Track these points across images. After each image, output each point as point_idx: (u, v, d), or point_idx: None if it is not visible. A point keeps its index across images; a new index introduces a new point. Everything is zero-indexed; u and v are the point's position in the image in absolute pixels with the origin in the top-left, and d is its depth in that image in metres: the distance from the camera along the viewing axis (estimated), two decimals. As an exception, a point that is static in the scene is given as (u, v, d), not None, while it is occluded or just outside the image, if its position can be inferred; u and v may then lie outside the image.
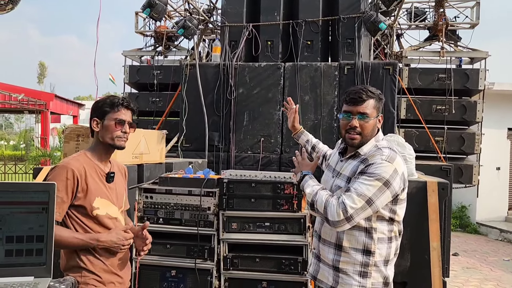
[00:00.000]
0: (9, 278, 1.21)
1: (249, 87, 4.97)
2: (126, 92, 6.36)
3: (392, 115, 4.73)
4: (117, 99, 2.11)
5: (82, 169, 1.98)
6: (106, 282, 2.00)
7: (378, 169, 1.93)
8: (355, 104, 2.04)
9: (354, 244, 2.04)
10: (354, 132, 2.05)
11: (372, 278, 2.04)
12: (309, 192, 2.05)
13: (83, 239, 1.92)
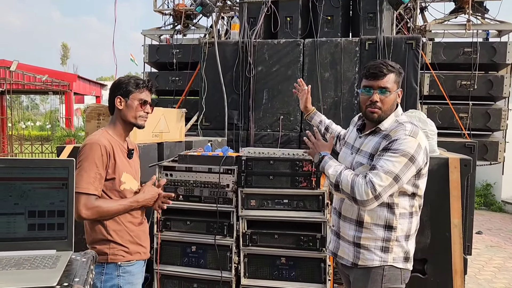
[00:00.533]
0: (33, 251, 1.25)
1: (268, 64, 4.92)
2: (146, 72, 6.39)
3: (415, 91, 4.63)
4: (142, 81, 2.18)
5: (110, 145, 2.06)
6: (133, 252, 2.11)
7: (402, 145, 1.91)
8: (375, 78, 2.01)
9: (375, 220, 2.04)
10: (375, 106, 2.02)
11: (393, 253, 2.04)
12: (332, 173, 2.01)
13: (126, 204, 2.07)
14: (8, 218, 1.26)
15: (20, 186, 1.27)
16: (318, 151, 2.14)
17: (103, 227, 2.05)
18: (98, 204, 1.98)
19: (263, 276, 2.83)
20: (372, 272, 2.05)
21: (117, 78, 2.24)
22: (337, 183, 1.97)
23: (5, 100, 14.87)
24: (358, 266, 2.08)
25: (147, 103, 2.18)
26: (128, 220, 2.12)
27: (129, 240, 2.10)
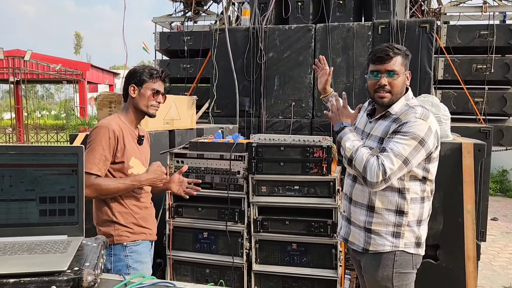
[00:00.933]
0: (44, 237, 1.27)
1: (280, 50, 4.88)
2: (157, 59, 6.39)
3: (429, 75, 4.54)
4: (156, 71, 2.23)
5: (119, 130, 2.12)
6: (137, 232, 2.18)
7: (412, 128, 1.90)
8: (382, 62, 2.00)
9: (386, 205, 2.03)
10: (384, 90, 2.01)
11: (405, 238, 2.04)
12: (348, 147, 1.99)
13: (127, 182, 2.09)
14: (20, 204, 1.28)
15: (31, 172, 1.29)
16: (340, 119, 2.10)
17: (109, 208, 2.12)
18: (97, 182, 2.02)
19: (274, 262, 2.85)
20: (383, 257, 2.05)
21: (133, 67, 2.28)
22: (352, 158, 1.96)
23: (20, 89, 15.07)
24: (369, 251, 2.08)
25: (160, 93, 2.23)
26: (133, 203, 2.18)
27: (133, 222, 2.16)
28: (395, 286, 2.05)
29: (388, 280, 2.05)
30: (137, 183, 2.11)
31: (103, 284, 1.20)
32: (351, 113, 2.17)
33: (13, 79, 13.48)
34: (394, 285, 2.05)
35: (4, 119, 27.01)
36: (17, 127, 14.82)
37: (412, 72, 4.42)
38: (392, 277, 2.04)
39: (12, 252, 1.16)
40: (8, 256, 1.13)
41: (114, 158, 2.10)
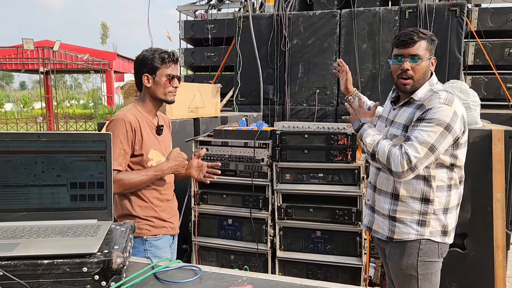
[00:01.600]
0: (75, 221, 1.32)
1: (304, 37, 4.83)
2: (182, 48, 6.43)
3: (458, 61, 4.42)
4: (166, 54, 2.11)
5: (136, 121, 2.05)
6: (158, 226, 2.13)
7: (437, 114, 1.86)
8: (406, 46, 1.97)
9: (411, 193, 2.01)
10: (406, 75, 1.98)
11: (430, 227, 2.01)
12: (369, 142, 1.99)
13: (150, 173, 2.05)
14: (52, 189, 1.33)
15: (62, 159, 1.33)
16: (359, 118, 2.12)
17: (129, 202, 2.08)
18: (120, 177, 1.97)
19: (298, 249, 2.86)
20: (407, 246, 2.04)
21: (140, 53, 2.16)
22: (374, 152, 1.95)
23: (50, 79, 15.46)
24: (394, 239, 2.06)
25: (175, 77, 2.14)
26: (155, 196, 2.12)
27: (154, 216, 2.11)
28: (420, 275, 2.03)
29: (413, 268, 2.03)
30: (159, 172, 2.07)
31: (131, 267, 1.24)
32: (368, 111, 2.18)
33: (43, 69, 13.83)
34: (419, 273, 2.03)
35: (35, 108, 27.82)
36: (47, 116, 15.25)
37: (441, 58, 4.38)
38: (417, 265, 2.02)
39: (46, 235, 1.21)
40: (42, 239, 1.18)
41: (132, 150, 2.04)
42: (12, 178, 1.30)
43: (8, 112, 26.00)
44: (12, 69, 17.62)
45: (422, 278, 2.03)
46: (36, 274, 1.06)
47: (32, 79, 30.16)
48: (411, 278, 2.05)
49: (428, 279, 2.05)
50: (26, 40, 12.48)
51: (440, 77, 4.10)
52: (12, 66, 15.80)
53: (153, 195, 2.12)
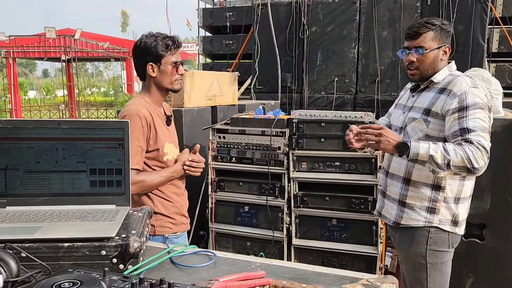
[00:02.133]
0: (94, 206, 1.36)
1: (323, 24, 4.78)
2: (200, 36, 6.44)
3: (481, 48, 4.32)
4: (170, 40, 2.00)
5: (149, 115, 1.97)
6: (178, 224, 2.11)
7: (475, 98, 1.87)
8: (411, 39, 2.02)
9: (423, 179, 2.00)
10: (412, 67, 2.02)
11: (440, 215, 2.00)
12: (434, 155, 1.80)
13: (167, 174, 2.01)
14: (72, 175, 1.37)
15: (82, 145, 1.37)
16: (394, 139, 1.85)
17: (150, 199, 2.02)
18: (142, 179, 1.93)
19: (314, 237, 2.87)
20: (416, 234, 2.03)
21: (140, 40, 2.01)
22: (448, 161, 1.79)
23: (71, 67, 15.70)
24: (400, 225, 2.06)
25: (180, 64, 2.04)
26: (172, 191, 2.08)
27: (175, 211, 2.09)
28: (429, 263, 2.03)
29: (422, 256, 2.03)
30: (176, 174, 2.04)
31: (148, 251, 1.27)
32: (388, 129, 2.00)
33: (65, 57, 14.05)
34: (427, 262, 2.02)
35: (58, 96, 28.36)
36: (69, 104, 15.53)
37: (464, 45, 4.29)
38: (425, 254, 2.02)
39: (66, 219, 1.25)
40: (63, 223, 1.22)
41: (147, 146, 1.97)
42: (34, 164, 1.35)
43: (32, 99, 26.57)
44: (35, 57, 17.96)
45: (431, 267, 2.03)
46: (57, 256, 1.10)
47: (54, 67, 30.68)
48: (420, 267, 2.04)
49: (438, 269, 2.04)
50: (48, 29, 12.68)
51: (463, 65, 4.06)
52: (35, 54, 16.10)
53: (171, 189, 2.08)
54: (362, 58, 4.70)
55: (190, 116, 3.15)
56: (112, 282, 0.97)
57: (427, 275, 2.03)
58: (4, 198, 1.35)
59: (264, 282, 1.08)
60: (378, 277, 1.12)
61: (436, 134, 1.96)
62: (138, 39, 2.05)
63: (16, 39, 14.53)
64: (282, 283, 1.07)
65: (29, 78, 31.78)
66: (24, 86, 25.40)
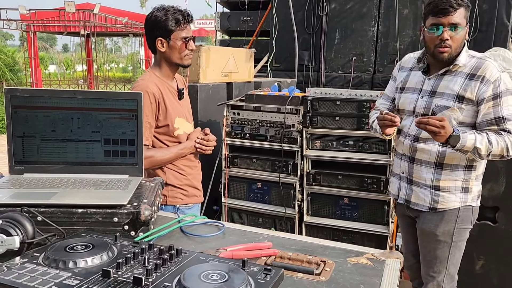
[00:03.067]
0: (108, 175, 1.40)
1: (342, 1, 4.69)
2: (218, 12, 6.38)
3: (506, 28, 4.19)
4: (181, 15, 1.97)
5: (158, 90, 1.97)
6: (190, 195, 2.14)
7: (506, 84, 1.90)
8: (445, 14, 1.87)
9: (456, 161, 1.99)
10: (445, 45, 1.90)
11: (472, 193, 2.04)
12: (480, 147, 1.84)
13: (177, 151, 2.04)
14: (87, 144, 1.41)
15: (96, 116, 1.40)
16: (449, 131, 1.82)
17: (162, 171, 2.05)
18: (151, 154, 1.95)
19: (325, 215, 2.89)
20: (447, 213, 2.03)
21: (152, 13, 2.00)
22: (489, 152, 1.85)
23: (90, 42, 15.79)
24: (437, 210, 2.04)
25: (191, 39, 2.01)
26: (185, 164, 2.10)
27: (186, 183, 2.11)
28: (454, 242, 2.05)
29: (449, 235, 2.04)
30: (186, 150, 2.07)
31: (159, 220, 1.31)
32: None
33: (84, 32, 14.13)
34: (453, 241, 2.04)
35: (77, 71, 28.65)
36: (88, 79, 15.69)
37: (488, 24, 4.17)
38: (453, 232, 2.03)
39: (81, 186, 1.29)
40: (77, 190, 1.26)
41: (157, 122, 1.98)
42: (50, 133, 1.39)
43: (52, 74, 26.91)
44: (55, 32, 18.10)
45: (454, 245, 2.05)
46: (71, 221, 1.14)
47: (74, 41, 30.87)
48: (444, 245, 2.05)
49: (458, 247, 2.08)
50: (68, 3, 12.72)
51: (486, 45, 3.96)
52: (55, 28, 16.23)
53: (184, 162, 2.11)
54: (381, 37, 4.61)
55: (205, 91, 3.16)
56: (122, 247, 1.00)
57: (449, 254, 2.06)
58: (22, 165, 1.39)
59: (270, 252, 1.10)
60: (384, 252, 1.13)
61: (469, 120, 1.95)
62: (149, 13, 2.04)
63: (37, 12, 14.64)
64: (288, 254, 1.09)
65: (49, 52, 32.13)
66: (45, 60, 25.69)
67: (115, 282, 0.83)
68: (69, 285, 0.82)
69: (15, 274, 0.85)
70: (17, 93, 1.37)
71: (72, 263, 0.89)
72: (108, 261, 0.93)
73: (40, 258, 0.92)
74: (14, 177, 1.35)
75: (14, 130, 1.37)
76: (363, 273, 1.02)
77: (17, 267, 0.88)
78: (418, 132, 2.02)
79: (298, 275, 1.00)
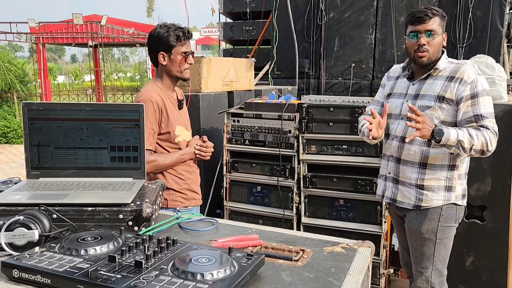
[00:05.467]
0: (114, 179, 1.55)
1: (340, 10, 4.84)
2: (221, 22, 6.57)
3: (499, 34, 4.31)
4: (181, 32, 2.15)
5: (161, 100, 2.15)
6: (189, 199, 2.30)
7: (482, 85, 2.07)
8: (421, 22, 2.08)
9: (439, 161, 2.13)
10: (423, 49, 2.09)
11: (455, 192, 2.16)
12: (463, 139, 1.95)
13: (177, 157, 2.21)
14: (95, 151, 1.57)
15: (103, 125, 1.56)
16: (431, 126, 1.97)
17: (163, 176, 2.21)
18: (154, 158, 2.11)
19: (322, 216, 3.03)
20: (429, 211, 2.16)
21: (154, 29, 2.20)
22: (472, 145, 1.97)
23: (98, 53, 16.09)
24: (422, 207, 2.18)
25: (190, 54, 2.19)
26: (185, 169, 2.26)
27: (186, 187, 2.27)
28: (438, 239, 2.17)
29: (433, 233, 2.17)
30: (186, 156, 2.23)
31: (160, 218, 1.46)
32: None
33: (92, 43, 14.43)
34: (437, 238, 2.17)
35: (85, 81, 29.07)
36: (97, 89, 15.98)
37: (482, 30, 4.30)
38: (436, 230, 2.16)
39: (90, 188, 1.45)
40: (87, 191, 1.42)
41: (159, 129, 2.15)
42: (62, 141, 1.55)
43: (61, 84, 27.34)
44: (63, 43, 18.50)
45: (439, 242, 2.18)
46: (82, 218, 1.30)
47: (82, 52, 31.36)
48: (429, 242, 2.18)
49: (443, 244, 2.19)
50: (76, 15, 13.05)
51: (480, 51, 4.08)
52: (63, 40, 16.59)
53: (183, 168, 2.26)
54: (379, 44, 4.75)
55: (207, 100, 3.32)
56: (126, 239, 1.16)
57: (434, 250, 2.19)
58: (38, 171, 1.56)
59: (256, 243, 1.25)
60: (357, 242, 1.27)
61: (450, 119, 2.11)
62: (152, 29, 2.23)
63: (46, 25, 15.00)
64: (272, 244, 1.24)
65: (58, 63, 32.65)
66: (53, 71, 26.14)
67: (119, 266, 0.99)
68: (81, 268, 0.97)
69: (36, 260, 1.01)
70: (33, 107, 1.54)
71: (84, 251, 1.05)
72: (114, 249, 1.08)
73: (56, 247, 1.08)
74: (31, 181, 1.52)
75: (31, 139, 1.54)
76: (336, 259, 1.17)
77: (37, 255, 1.04)
78: (404, 133, 2.17)
79: (279, 261, 1.14)
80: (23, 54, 47.23)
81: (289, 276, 1.06)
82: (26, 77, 16.02)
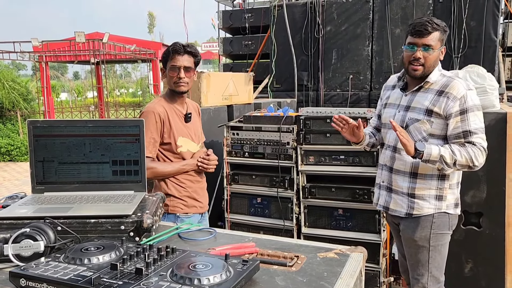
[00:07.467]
0: (116, 192, 1.61)
1: (337, 23, 4.94)
2: (221, 37, 6.68)
3: (494, 43, 4.38)
4: (171, 47, 2.27)
5: (164, 112, 2.27)
6: (190, 206, 2.38)
7: (473, 100, 2.09)
8: (420, 36, 2.09)
9: (429, 171, 2.16)
10: (418, 63, 2.11)
11: (447, 201, 2.19)
12: (445, 155, 2.02)
13: (178, 166, 2.32)
14: (97, 165, 1.63)
15: (105, 140, 1.63)
16: (412, 141, 2.07)
17: (165, 183, 2.32)
18: (154, 166, 2.22)
19: (322, 226, 3.07)
20: (421, 220, 2.20)
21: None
22: (455, 161, 2.03)
23: (100, 70, 16.28)
24: (413, 215, 2.22)
25: (178, 68, 2.25)
26: (187, 178, 2.36)
27: (186, 195, 2.35)
28: (431, 246, 2.21)
29: (426, 240, 2.20)
30: (187, 167, 2.33)
31: (160, 229, 1.51)
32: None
33: (94, 60, 14.62)
34: (430, 245, 2.21)
35: (88, 97, 29.32)
36: (99, 105, 16.14)
37: (476, 40, 4.38)
38: (429, 237, 2.20)
39: (93, 201, 1.51)
40: (90, 204, 1.48)
41: (162, 139, 2.26)
42: (66, 157, 1.62)
43: (64, 101, 27.59)
44: (66, 61, 18.73)
45: (433, 249, 2.21)
46: (86, 229, 1.35)
47: (84, 69, 31.71)
48: (423, 250, 2.22)
49: (438, 250, 2.22)
50: (78, 33, 13.24)
51: (476, 60, 4.15)
52: (66, 58, 16.82)
53: (186, 177, 2.36)
54: (376, 56, 4.84)
55: (207, 114, 3.39)
56: (128, 248, 1.21)
57: (429, 257, 2.22)
58: (42, 185, 1.62)
59: (252, 250, 1.30)
60: (350, 248, 1.32)
61: (439, 132, 2.15)
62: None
63: (48, 44, 15.21)
64: (267, 251, 1.29)
65: (60, 80, 32.99)
66: (56, 88, 26.41)
67: (121, 273, 1.04)
68: (85, 276, 1.03)
69: (42, 269, 1.06)
70: (37, 124, 1.61)
71: (87, 260, 1.10)
72: (115, 258, 1.14)
73: (61, 257, 1.13)
74: (37, 196, 1.58)
75: (36, 155, 1.61)
76: (329, 264, 1.21)
77: (43, 264, 1.09)
78: (396, 143, 2.22)
79: (274, 267, 1.19)
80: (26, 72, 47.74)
81: (283, 281, 1.11)
82: (29, 95, 16.21)
